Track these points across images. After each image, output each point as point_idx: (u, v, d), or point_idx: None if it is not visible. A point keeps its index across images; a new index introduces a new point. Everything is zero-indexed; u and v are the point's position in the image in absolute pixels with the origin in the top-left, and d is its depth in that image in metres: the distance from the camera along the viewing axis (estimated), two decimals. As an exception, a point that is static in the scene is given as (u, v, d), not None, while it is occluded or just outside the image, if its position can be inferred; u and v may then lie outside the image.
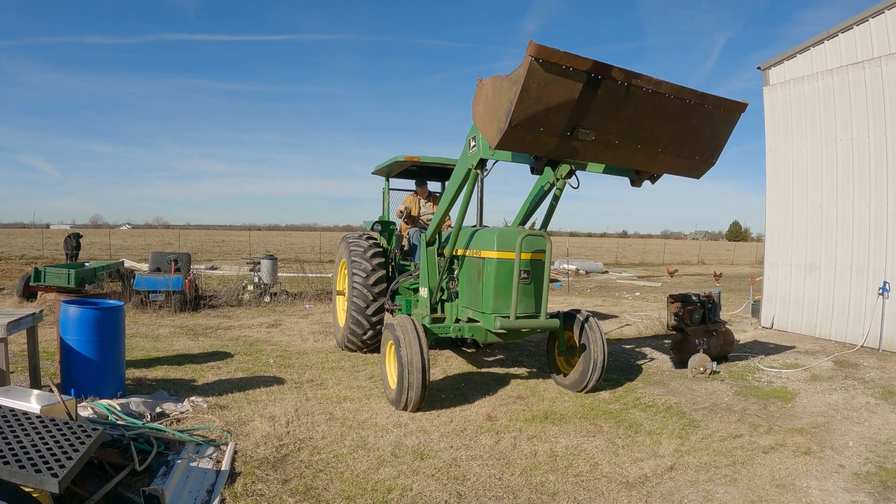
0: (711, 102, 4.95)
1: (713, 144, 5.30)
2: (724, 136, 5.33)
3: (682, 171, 5.40)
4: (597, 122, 4.47)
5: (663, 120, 4.78)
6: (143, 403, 5.48)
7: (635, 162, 5.09)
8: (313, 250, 41.72)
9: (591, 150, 4.68)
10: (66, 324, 5.75)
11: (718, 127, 5.19)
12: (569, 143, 4.51)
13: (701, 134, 5.10)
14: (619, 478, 4.58)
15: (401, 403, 5.92)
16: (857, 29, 10.25)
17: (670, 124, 4.83)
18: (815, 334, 10.86)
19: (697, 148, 5.22)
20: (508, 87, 4.19)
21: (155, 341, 9.26)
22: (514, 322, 6.02)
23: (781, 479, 4.57)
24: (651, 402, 6.60)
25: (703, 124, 5.05)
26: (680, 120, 4.87)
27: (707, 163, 5.41)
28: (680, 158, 5.16)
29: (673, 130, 4.88)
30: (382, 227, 9.16)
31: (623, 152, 4.85)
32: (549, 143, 4.46)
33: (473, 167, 5.92)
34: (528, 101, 4.11)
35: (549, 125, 4.31)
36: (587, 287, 22.22)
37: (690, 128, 4.97)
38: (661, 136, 4.88)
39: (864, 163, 10.12)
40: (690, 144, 5.14)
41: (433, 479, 4.45)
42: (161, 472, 4.28)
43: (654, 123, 4.77)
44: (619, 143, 4.74)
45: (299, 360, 8.28)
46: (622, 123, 4.62)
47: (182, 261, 13.70)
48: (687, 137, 5.04)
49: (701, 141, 5.16)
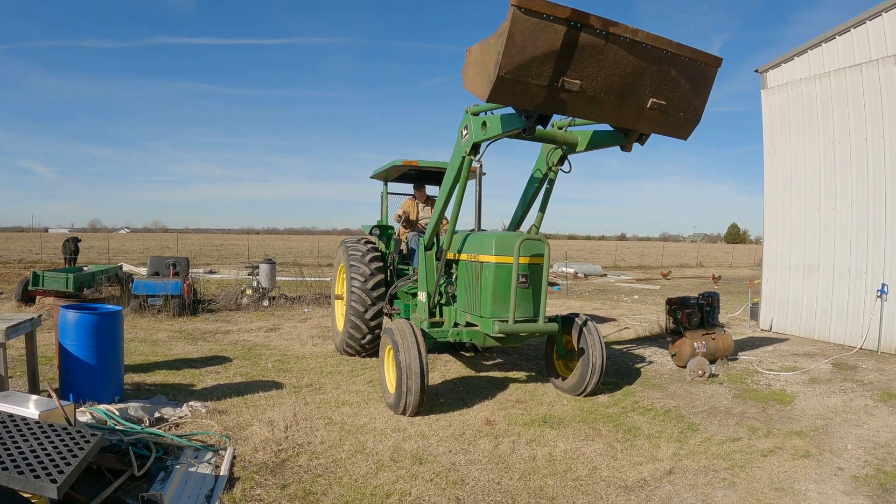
0: (687, 53, 5.06)
1: (695, 100, 5.37)
2: (705, 93, 5.41)
3: (668, 129, 5.46)
4: (581, 72, 4.63)
5: (644, 71, 4.90)
6: (142, 408, 5.48)
7: (622, 118, 5.17)
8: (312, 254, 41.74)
9: (578, 103, 4.80)
10: (64, 329, 5.75)
11: (697, 82, 5.28)
12: (556, 94, 4.65)
13: (681, 87, 5.19)
14: (617, 482, 4.58)
15: (399, 408, 5.92)
16: (855, 32, 10.29)
17: (650, 75, 4.95)
18: (814, 337, 10.87)
19: (681, 103, 5.29)
20: (495, 42, 4.40)
21: (153, 346, 9.25)
22: (513, 326, 6.03)
23: (780, 483, 4.57)
24: (650, 405, 6.61)
25: (682, 76, 5.14)
26: (660, 71, 4.98)
27: (692, 121, 5.48)
28: (665, 115, 5.25)
29: (654, 82, 5.00)
30: (381, 231, 9.16)
31: (609, 107, 4.95)
32: (538, 94, 4.59)
33: (467, 154, 6.04)
34: (515, 50, 4.31)
35: (535, 74, 4.48)
36: (586, 290, 22.23)
37: (670, 80, 5.07)
38: (644, 88, 4.99)
39: (862, 165, 10.14)
40: (673, 98, 5.22)
41: (432, 483, 4.45)
42: (160, 478, 4.27)
43: (635, 74, 4.89)
44: (604, 97, 4.85)
45: (298, 365, 8.28)
46: (605, 74, 4.75)
47: (180, 265, 13.70)
48: (668, 90, 5.14)
49: (682, 96, 5.25)
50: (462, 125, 6.20)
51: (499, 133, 5.62)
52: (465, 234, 7.13)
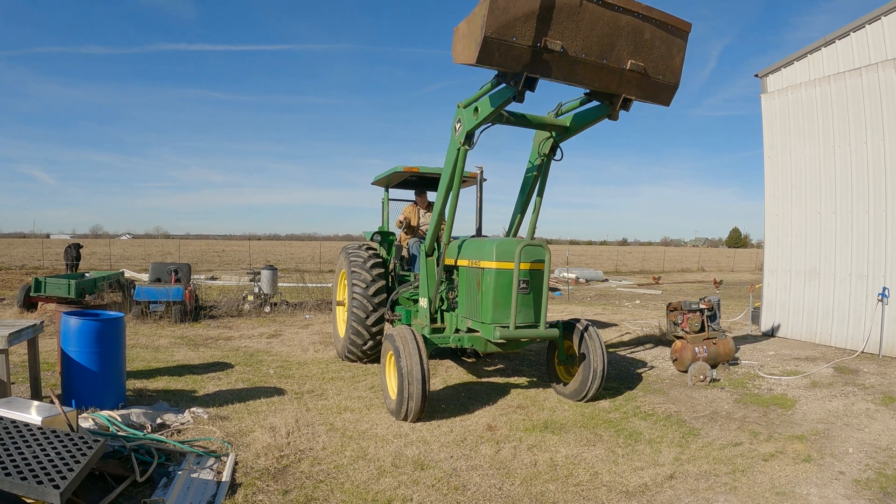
0: (657, 16, 5.35)
1: (671, 63, 5.65)
2: (679, 56, 5.69)
3: (649, 93, 5.72)
4: (561, 33, 4.95)
5: (619, 32, 5.22)
6: (144, 414, 5.49)
7: (604, 81, 5.42)
8: (313, 260, 41.76)
9: (561, 64, 5.08)
10: (66, 335, 5.77)
11: (671, 47, 5.58)
12: (540, 55, 4.94)
13: (656, 50, 5.49)
14: (619, 487, 4.58)
15: (401, 414, 5.93)
16: (854, 35, 10.31)
17: (625, 37, 5.26)
18: (815, 341, 10.86)
19: (657, 66, 5.57)
20: (479, 9, 4.73)
21: (155, 352, 9.27)
22: (514, 332, 6.04)
23: (781, 487, 4.57)
24: (651, 410, 6.61)
25: (656, 38, 5.44)
26: (633, 32, 5.29)
27: (670, 85, 5.76)
28: (644, 78, 5.53)
29: (629, 43, 5.31)
30: (382, 237, 9.18)
31: (591, 69, 5.23)
32: (523, 54, 4.88)
33: (462, 144, 6.17)
34: (498, 11, 4.63)
35: (519, 34, 4.79)
36: (587, 295, 22.23)
37: (645, 42, 5.38)
38: (621, 49, 5.30)
39: (863, 169, 10.15)
40: (650, 61, 5.50)
41: (433, 489, 4.45)
42: (162, 484, 4.28)
43: (611, 35, 5.21)
44: (585, 58, 5.14)
45: (299, 371, 8.29)
46: (583, 35, 5.06)
47: (182, 271, 13.74)
48: (644, 52, 5.42)
49: (658, 58, 5.53)
50: (455, 120, 6.35)
51: (491, 111, 5.74)
52: (466, 240, 7.15)
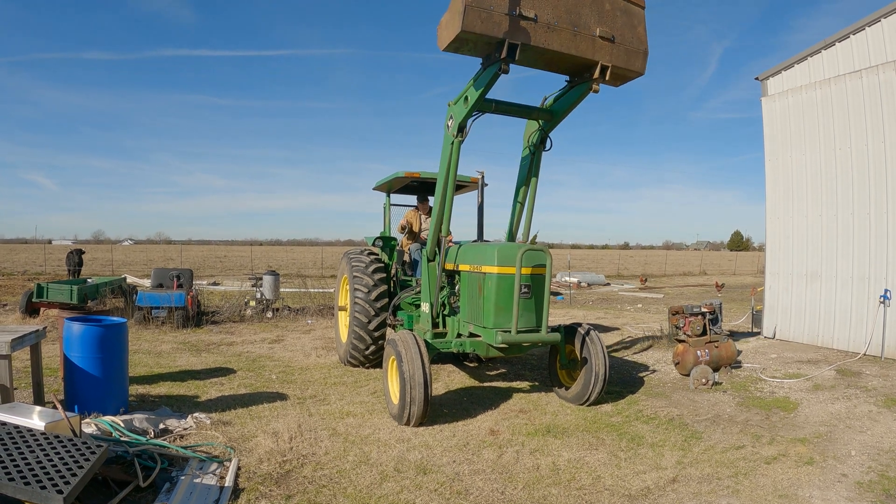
0: None
1: (635, 33, 6.06)
2: (641, 27, 6.13)
3: (623, 60, 6.04)
4: (532, 4, 5.44)
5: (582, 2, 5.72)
6: (147, 420, 5.50)
7: (580, 48, 5.77)
8: (315, 265, 41.77)
9: (538, 31, 5.52)
10: (69, 341, 5.78)
11: (631, 17, 6.04)
12: (517, 23, 5.38)
13: (619, 20, 5.95)
14: (621, 490, 4.58)
15: (403, 418, 5.93)
16: (854, 38, 10.33)
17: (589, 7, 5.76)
18: (818, 343, 10.85)
19: (624, 35, 5.99)
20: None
21: (158, 357, 9.28)
22: (516, 336, 6.05)
23: (784, 490, 4.57)
24: (653, 414, 6.61)
25: (616, 10, 5.92)
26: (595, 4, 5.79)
27: (640, 51, 6.12)
28: (615, 46, 5.93)
29: (594, 12, 5.79)
30: (384, 242, 9.20)
31: (565, 36, 5.65)
32: (502, 21, 5.30)
33: (455, 137, 6.37)
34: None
35: (496, 4, 5.25)
36: (589, 300, 22.22)
37: (607, 13, 5.86)
38: (588, 17, 5.77)
39: (864, 171, 10.16)
40: (616, 29, 5.93)
41: (436, 493, 4.46)
42: (165, 489, 4.29)
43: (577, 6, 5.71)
44: (558, 25, 5.58)
45: (302, 376, 8.30)
46: (552, 5, 5.55)
47: (184, 277, 13.75)
48: (609, 21, 5.88)
49: (624, 27, 5.98)
50: (447, 118, 6.54)
51: (479, 94, 5.93)
52: (468, 245, 7.16)
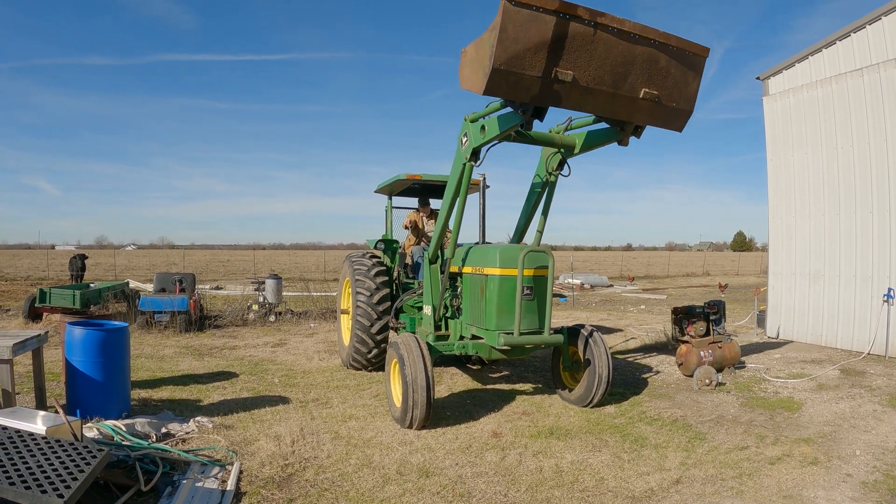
0: (674, 43, 5.14)
1: (686, 91, 5.45)
2: (695, 82, 5.48)
3: (662, 120, 5.54)
4: (573, 63, 4.73)
5: (633, 60, 4.99)
6: (149, 424, 5.50)
7: (615, 109, 5.24)
8: (318, 269, 41.80)
9: (572, 94, 4.89)
10: (71, 345, 5.78)
11: (687, 72, 5.36)
12: (550, 86, 4.74)
13: (671, 77, 5.27)
14: (625, 492, 4.56)
15: (406, 421, 5.92)
16: (855, 36, 10.32)
17: (640, 65, 5.04)
18: (821, 343, 10.82)
19: (672, 93, 5.37)
20: (488, 36, 4.52)
21: (160, 362, 9.28)
22: (518, 338, 6.04)
23: (788, 490, 4.54)
24: (657, 415, 6.58)
25: (671, 66, 5.22)
26: (649, 61, 5.07)
27: (685, 111, 5.55)
28: (658, 105, 5.32)
29: (644, 71, 5.08)
30: (386, 245, 9.19)
31: (602, 98, 5.04)
32: (533, 85, 4.68)
33: (467, 160, 6.03)
34: (508, 41, 4.41)
35: (529, 65, 4.58)
36: (592, 301, 22.19)
37: (660, 70, 5.15)
38: (635, 78, 5.08)
39: (866, 170, 10.14)
40: (664, 87, 5.30)
41: (439, 496, 4.44)
42: (166, 493, 4.28)
43: (626, 63, 4.98)
44: (596, 87, 4.94)
45: (304, 380, 8.29)
46: (596, 64, 4.84)
47: (187, 281, 13.76)
48: (659, 80, 5.22)
49: (673, 85, 5.33)
50: (461, 133, 6.21)
51: (497, 133, 5.63)
52: (470, 247, 7.15)
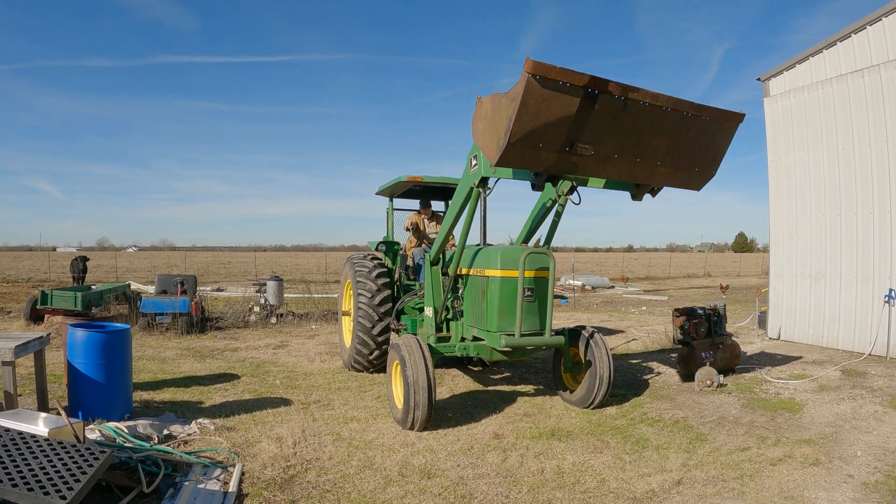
0: (709, 114, 4.95)
1: (712, 155, 5.28)
2: (723, 147, 5.32)
3: (681, 183, 5.41)
4: (595, 137, 4.48)
5: (661, 132, 4.77)
6: (151, 426, 5.51)
7: (635, 175, 5.09)
8: (319, 271, 41.80)
9: (590, 164, 4.70)
10: (73, 347, 5.79)
11: (717, 138, 5.18)
12: (568, 158, 4.54)
13: (699, 145, 5.08)
14: (626, 493, 4.56)
15: (407, 423, 5.92)
16: (856, 37, 10.32)
17: (668, 136, 4.82)
18: (822, 344, 10.81)
19: (697, 159, 5.20)
20: (507, 105, 4.21)
21: (162, 363, 9.29)
22: (519, 340, 6.04)
23: (790, 491, 4.54)
24: (658, 416, 6.58)
25: (702, 135, 5.02)
26: (678, 132, 4.86)
27: (707, 174, 5.40)
28: (679, 170, 5.16)
29: (671, 142, 4.87)
30: (387, 247, 9.19)
31: (622, 165, 4.85)
32: (549, 158, 4.49)
33: (475, 185, 5.88)
34: (527, 118, 4.13)
35: (547, 141, 4.33)
36: (593, 302, 22.18)
37: (689, 139, 4.96)
38: (660, 148, 4.87)
39: (867, 171, 10.13)
40: (689, 156, 5.13)
41: (440, 498, 4.44)
42: (168, 494, 4.29)
43: (653, 136, 4.76)
44: (617, 157, 4.74)
45: (306, 381, 8.30)
46: (620, 137, 4.61)
47: (188, 283, 13.78)
48: (685, 149, 5.03)
49: (700, 152, 5.15)
50: (471, 154, 5.94)
51: (508, 177, 5.57)
52: (471, 249, 7.15)
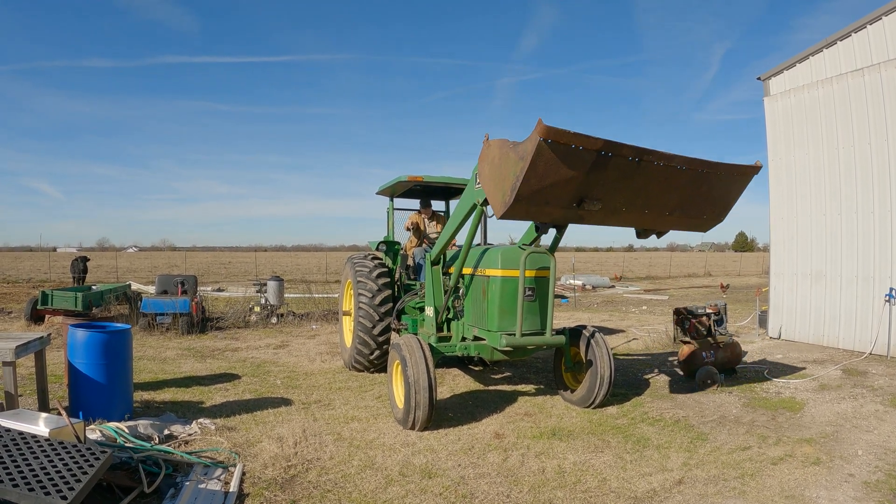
0: (724, 170, 4.86)
1: (723, 204, 5.23)
2: (736, 197, 5.26)
3: (688, 227, 5.35)
4: (604, 194, 4.40)
5: (674, 188, 4.70)
6: (151, 426, 5.51)
7: (641, 223, 5.04)
8: (319, 271, 41.80)
9: (596, 216, 4.64)
10: (73, 347, 5.79)
11: (730, 189, 5.12)
12: (574, 212, 4.47)
13: (711, 197, 5.02)
14: (627, 493, 4.56)
15: (408, 423, 5.92)
16: (856, 36, 10.31)
17: (681, 191, 4.75)
18: (823, 343, 10.81)
19: (707, 209, 5.13)
20: (515, 161, 4.09)
21: (162, 364, 9.29)
22: (520, 339, 6.03)
23: (791, 491, 4.54)
24: (659, 416, 6.58)
25: (715, 188, 4.95)
26: (691, 187, 4.79)
27: (716, 220, 5.35)
28: (688, 218, 5.10)
29: (683, 196, 4.81)
30: (388, 247, 9.19)
31: (630, 217, 4.80)
32: (555, 213, 4.45)
33: (479, 204, 5.84)
34: (535, 179, 4.03)
35: (554, 198, 4.24)
36: (594, 302, 22.18)
37: (701, 193, 4.90)
38: (670, 201, 4.80)
39: (867, 170, 10.13)
40: (700, 206, 5.06)
41: (441, 497, 4.44)
42: (169, 494, 4.29)
43: (664, 191, 4.69)
44: (625, 210, 4.68)
45: (307, 381, 8.30)
46: (630, 193, 4.53)
47: (189, 283, 13.78)
48: (696, 201, 4.96)
49: (711, 203, 5.08)
50: (476, 171, 5.76)
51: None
52: (472, 249, 7.14)
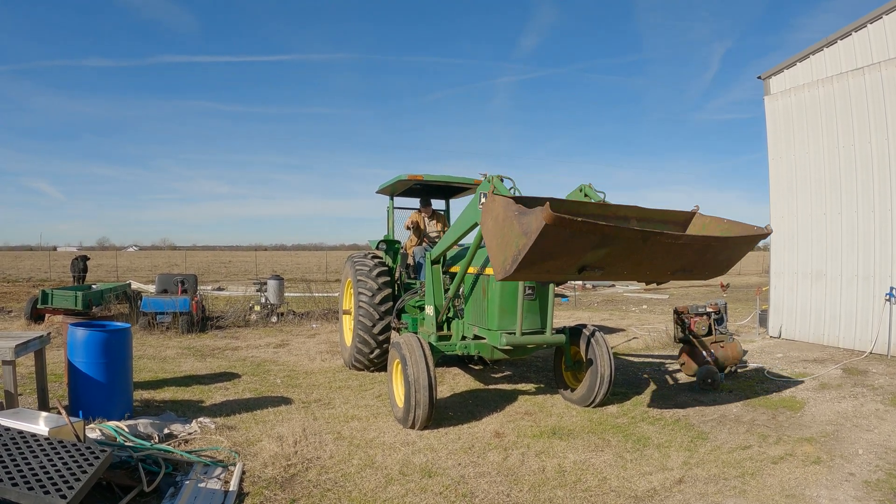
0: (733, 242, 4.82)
1: (727, 264, 5.18)
2: (739, 258, 5.24)
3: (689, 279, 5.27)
4: (607, 264, 4.37)
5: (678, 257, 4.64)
6: (151, 425, 5.50)
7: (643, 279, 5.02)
8: (320, 270, 41.81)
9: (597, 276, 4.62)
10: (73, 346, 5.79)
11: (736, 253, 5.10)
12: (575, 275, 4.48)
13: (717, 261, 4.98)
14: (627, 492, 4.56)
15: (408, 422, 5.92)
16: (856, 35, 10.31)
17: (685, 259, 4.70)
18: (823, 342, 10.80)
19: (710, 269, 5.08)
20: (518, 235, 4.01)
21: (162, 363, 9.29)
22: (520, 338, 6.04)
23: (791, 490, 4.54)
24: (659, 415, 6.58)
25: (720, 254, 4.90)
26: (696, 255, 4.73)
27: (717, 275, 5.29)
28: (691, 275, 5.05)
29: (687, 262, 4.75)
30: (388, 245, 9.19)
31: (632, 276, 4.82)
32: (556, 277, 4.55)
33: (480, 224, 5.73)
34: (537, 254, 3.97)
35: (556, 268, 4.22)
36: (594, 301, 22.18)
37: (706, 259, 4.85)
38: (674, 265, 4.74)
39: (868, 169, 10.12)
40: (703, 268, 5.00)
41: (441, 496, 4.44)
42: (169, 493, 4.28)
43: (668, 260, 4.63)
44: (627, 273, 4.68)
45: (307, 380, 8.29)
46: (633, 263, 4.49)
47: (189, 282, 13.78)
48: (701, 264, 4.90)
49: (715, 265, 5.05)
50: (481, 189, 5.73)
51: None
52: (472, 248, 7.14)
